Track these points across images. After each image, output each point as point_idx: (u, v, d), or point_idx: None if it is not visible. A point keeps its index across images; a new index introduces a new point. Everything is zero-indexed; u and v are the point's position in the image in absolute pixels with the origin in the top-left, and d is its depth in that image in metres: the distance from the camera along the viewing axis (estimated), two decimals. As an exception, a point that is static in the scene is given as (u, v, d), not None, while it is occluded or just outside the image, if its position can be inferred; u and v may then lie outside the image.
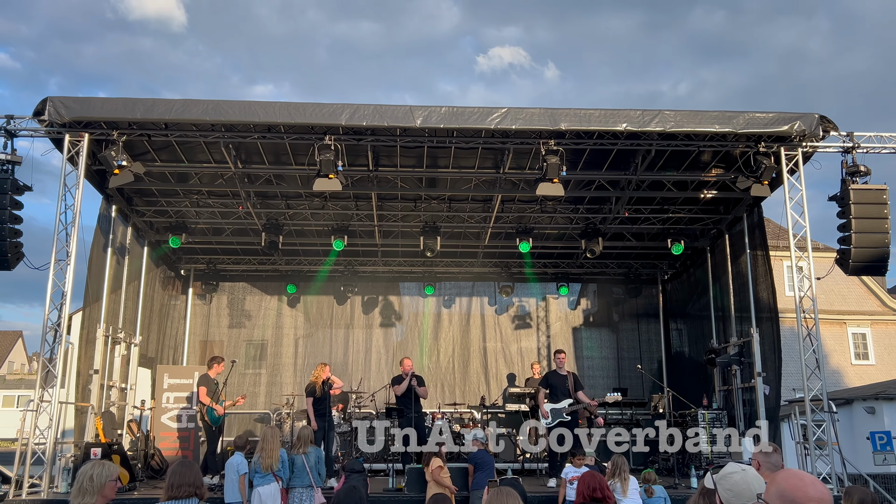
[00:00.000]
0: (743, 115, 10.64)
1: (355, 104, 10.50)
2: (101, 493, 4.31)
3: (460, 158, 12.35)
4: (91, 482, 4.35)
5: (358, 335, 17.29)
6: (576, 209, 14.22)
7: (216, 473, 11.28)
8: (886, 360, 30.09)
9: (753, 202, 12.73)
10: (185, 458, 5.17)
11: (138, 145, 11.66)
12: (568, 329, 17.60)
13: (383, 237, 15.39)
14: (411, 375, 11.91)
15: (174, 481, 4.77)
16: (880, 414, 22.21)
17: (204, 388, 11.63)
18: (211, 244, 15.91)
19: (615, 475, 8.41)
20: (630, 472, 8.57)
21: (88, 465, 4.50)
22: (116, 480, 4.45)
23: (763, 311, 12.69)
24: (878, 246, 10.57)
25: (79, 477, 4.38)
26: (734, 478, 2.83)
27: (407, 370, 12.01)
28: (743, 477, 2.82)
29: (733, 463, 3.02)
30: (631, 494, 8.39)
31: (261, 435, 8.73)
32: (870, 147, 10.98)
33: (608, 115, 10.61)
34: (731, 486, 2.81)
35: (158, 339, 15.53)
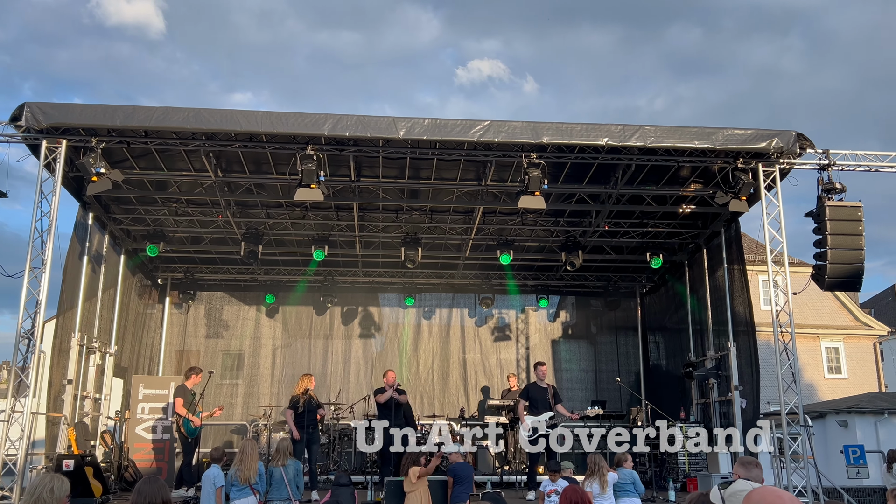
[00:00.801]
0: (722, 131, 10.78)
1: (338, 114, 10.47)
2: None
3: (442, 170, 12.37)
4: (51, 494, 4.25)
5: (337, 346, 17.20)
6: (556, 222, 14.30)
7: (192, 486, 11.14)
8: (858, 374, 30.52)
9: (731, 217, 12.88)
10: (150, 476, 4.99)
11: (117, 152, 11.55)
12: (547, 341, 17.65)
13: (364, 248, 15.36)
14: (394, 387, 11.85)
15: (141, 500, 4.60)
16: (853, 427, 22.49)
17: (180, 398, 11.48)
18: (189, 253, 15.78)
19: (593, 473, 8.41)
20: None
21: (46, 477, 4.38)
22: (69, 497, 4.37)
23: (740, 325, 12.82)
24: (853, 262, 10.73)
25: (35, 489, 4.25)
26: (740, 497, 2.84)
27: (390, 382, 11.96)
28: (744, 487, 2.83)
29: (742, 480, 3.02)
30: (609, 491, 8.40)
31: (239, 447, 8.62)
32: (845, 164, 11.18)
33: (590, 129, 10.69)
34: (730, 494, 2.82)
35: (133, 348, 15.33)
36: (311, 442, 11.44)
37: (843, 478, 13.86)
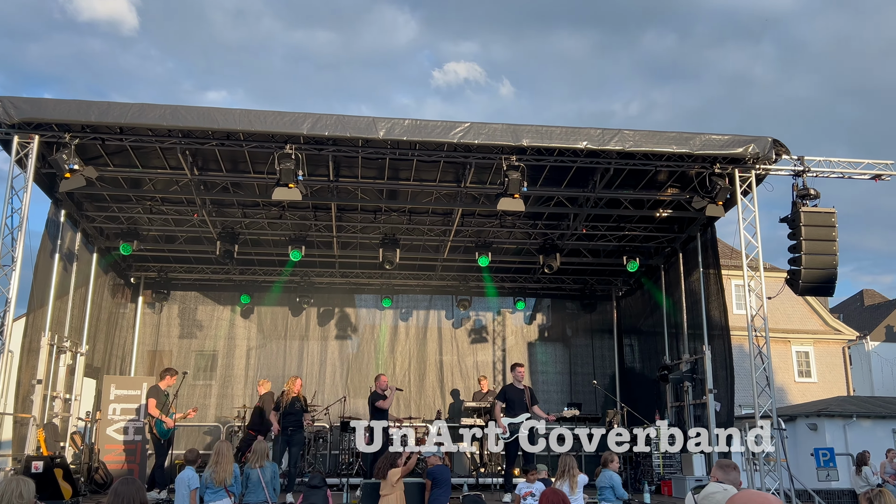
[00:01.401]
0: (699, 136, 10.88)
1: (317, 114, 10.40)
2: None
3: (422, 171, 12.34)
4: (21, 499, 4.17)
5: (313, 347, 17.07)
6: (534, 225, 14.33)
7: (164, 488, 10.98)
8: (828, 378, 30.98)
9: (707, 222, 13.01)
10: (126, 477, 4.81)
11: (91, 149, 11.34)
12: (523, 343, 17.68)
13: (341, 248, 15.26)
14: (394, 389, 12.11)
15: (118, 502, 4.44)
16: (822, 431, 22.81)
17: (153, 399, 11.32)
18: (163, 252, 15.57)
19: (564, 475, 8.41)
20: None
21: (12, 482, 4.29)
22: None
23: (714, 329, 12.94)
24: (827, 267, 10.89)
25: (2, 496, 4.16)
26: (716, 497, 2.84)
27: (383, 386, 12.16)
28: (724, 497, 2.83)
29: (714, 483, 3.02)
30: (579, 492, 8.41)
31: (214, 449, 8.49)
32: (819, 171, 11.33)
33: (569, 132, 10.73)
34: (702, 497, 2.82)
35: (105, 348, 15.08)
36: (290, 444, 11.36)
37: (813, 480, 14.06)
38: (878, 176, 11.29)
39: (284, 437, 11.34)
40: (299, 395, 11.77)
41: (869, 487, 14.93)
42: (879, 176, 11.26)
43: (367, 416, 12.43)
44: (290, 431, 11.37)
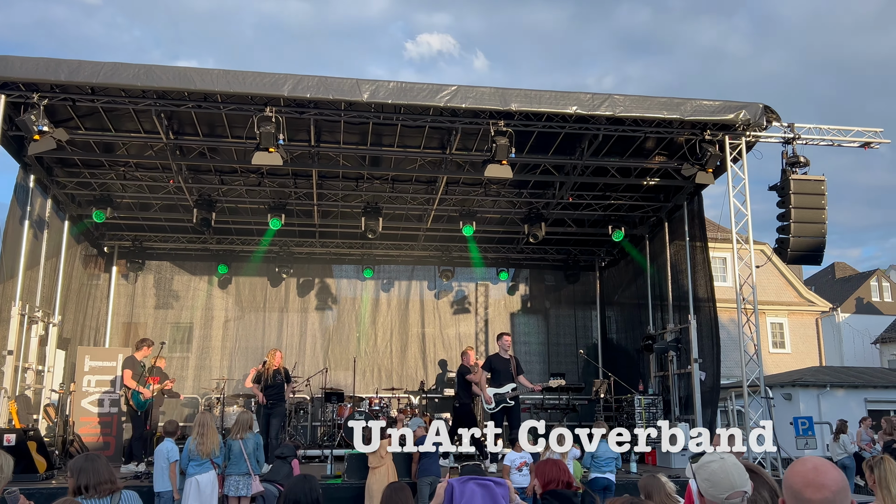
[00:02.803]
0: (690, 102, 10.69)
1: (299, 75, 10.02)
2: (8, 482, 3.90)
3: (406, 137, 12.01)
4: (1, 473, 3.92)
5: (292, 319, 16.77)
6: (519, 193, 14.10)
7: (141, 461, 10.72)
8: (801, 349, 31.41)
9: (694, 190, 12.87)
10: (88, 454, 4.42)
11: (61, 111, 10.86)
12: (506, 314, 17.54)
13: (322, 217, 14.91)
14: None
15: (89, 481, 4.02)
16: (796, 400, 23.17)
17: (129, 370, 11.01)
18: (137, 220, 15.10)
19: None
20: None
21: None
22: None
23: (700, 299, 12.87)
24: (815, 235, 10.82)
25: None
26: (712, 467, 2.66)
27: (471, 360, 11.94)
28: (721, 466, 2.65)
29: (711, 452, 2.85)
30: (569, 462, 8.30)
31: (197, 420, 8.23)
32: (809, 138, 11.22)
33: (559, 97, 10.48)
34: (709, 475, 2.64)
35: (77, 319, 14.65)
36: (272, 416, 11.27)
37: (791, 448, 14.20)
38: (867, 144, 11.20)
39: (266, 410, 11.29)
40: (280, 367, 11.60)
41: (845, 455, 15.16)
42: (869, 144, 11.18)
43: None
44: (270, 404, 11.30)
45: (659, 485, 4.96)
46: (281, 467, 9.06)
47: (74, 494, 4.05)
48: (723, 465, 2.67)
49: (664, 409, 13.20)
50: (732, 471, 2.65)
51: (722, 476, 2.63)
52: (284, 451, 9.41)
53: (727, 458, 2.73)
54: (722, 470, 2.65)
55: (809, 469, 2.20)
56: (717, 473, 2.65)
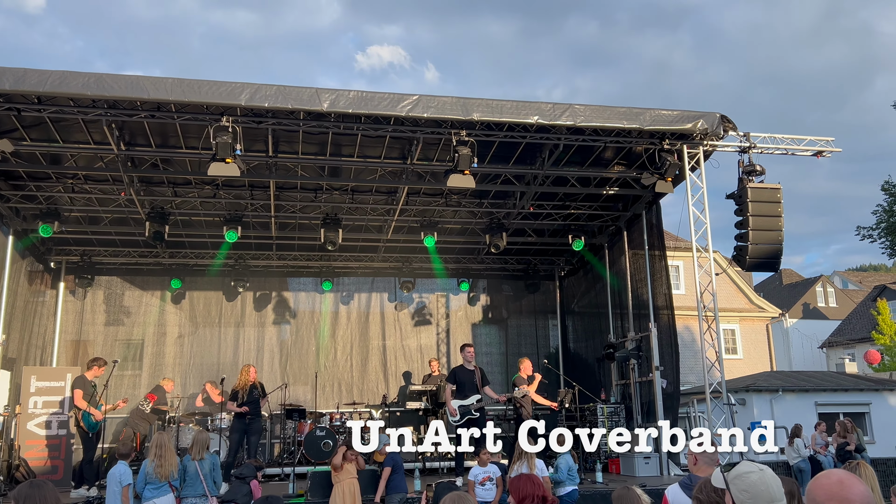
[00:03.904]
0: (649, 111, 10.79)
1: (256, 84, 9.79)
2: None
3: (366, 147, 11.87)
4: None
5: (249, 334, 16.39)
6: (480, 203, 14.06)
7: (92, 484, 10.28)
8: (753, 355, 32.07)
9: (652, 199, 13.00)
10: (33, 480, 4.14)
11: (5, 121, 10.42)
12: (467, 325, 17.46)
13: (279, 229, 14.62)
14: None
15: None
16: (750, 405, 23.56)
17: (80, 390, 10.54)
18: (86, 234, 14.56)
19: (521, 456, 8.19)
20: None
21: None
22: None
23: (659, 307, 12.98)
24: (773, 243, 11.01)
25: None
26: (751, 478, 2.57)
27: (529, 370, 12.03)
28: (761, 478, 2.57)
29: (748, 462, 2.76)
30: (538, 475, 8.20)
31: (154, 441, 7.89)
32: (764, 147, 11.43)
33: (520, 106, 10.46)
34: (748, 486, 2.55)
35: (23, 337, 14.06)
36: (248, 432, 11.13)
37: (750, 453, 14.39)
38: (819, 152, 11.46)
39: (242, 426, 11.08)
40: (255, 382, 11.39)
41: (800, 458, 15.44)
42: (821, 152, 11.44)
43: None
44: (247, 419, 11.11)
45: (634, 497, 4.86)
46: (240, 487, 8.77)
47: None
48: (762, 476, 2.59)
49: (626, 417, 13.25)
50: (772, 483, 2.57)
51: (762, 488, 2.55)
52: (244, 472, 9.12)
53: (766, 469, 2.65)
54: (762, 482, 2.57)
55: (834, 482, 2.11)
56: (756, 485, 2.56)
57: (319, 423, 13.19)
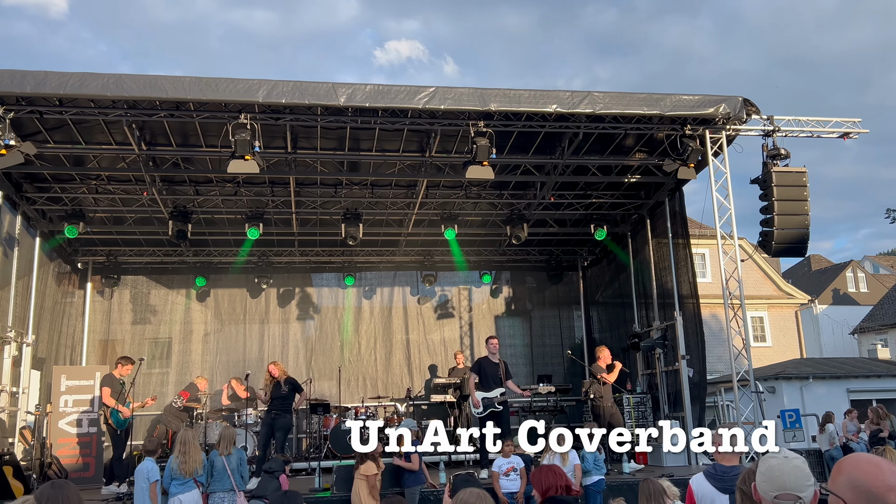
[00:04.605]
0: (670, 97, 10.64)
1: (273, 80, 9.82)
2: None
3: (384, 141, 11.85)
4: None
5: (274, 330, 16.48)
6: (500, 195, 13.98)
7: (123, 481, 10.42)
8: (782, 342, 31.63)
9: (675, 186, 12.83)
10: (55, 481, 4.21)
11: (28, 124, 10.54)
12: (490, 317, 17.40)
13: (301, 225, 14.67)
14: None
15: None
16: (780, 393, 23.26)
17: (108, 388, 10.69)
18: (111, 234, 14.73)
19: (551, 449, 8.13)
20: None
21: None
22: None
23: (684, 295, 12.82)
24: (799, 227, 10.80)
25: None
26: (770, 462, 2.51)
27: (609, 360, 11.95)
28: (779, 464, 2.50)
29: (781, 448, 2.70)
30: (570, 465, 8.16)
31: (179, 438, 7.97)
32: (788, 130, 11.21)
33: (538, 96, 10.37)
34: (765, 470, 2.49)
35: (52, 338, 14.25)
36: (274, 427, 11.14)
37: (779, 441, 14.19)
38: (846, 134, 11.21)
39: (269, 421, 11.15)
40: (280, 377, 11.37)
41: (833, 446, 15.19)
42: (848, 134, 11.19)
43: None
44: (274, 415, 11.13)
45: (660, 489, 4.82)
46: (269, 482, 8.82)
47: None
48: (781, 463, 2.53)
49: (652, 407, 13.12)
50: (789, 472, 2.50)
51: (777, 474, 2.49)
52: (272, 466, 9.17)
53: (791, 458, 2.59)
54: (778, 468, 2.51)
55: (886, 471, 1.98)
56: (772, 470, 2.51)
57: (344, 418, 13.25)
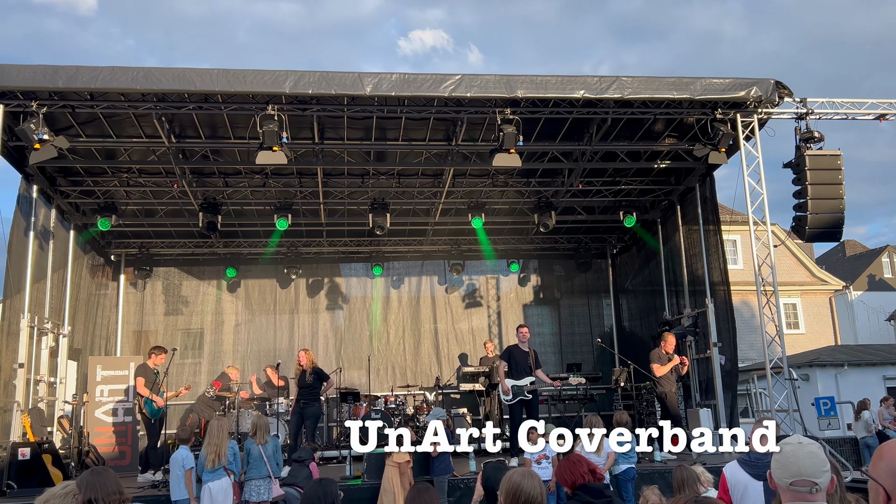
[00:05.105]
0: (699, 81, 10.47)
1: (300, 71, 9.84)
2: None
3: (410, 130, 11.84)
4: None
5: (303, 320, 16.61)
6: (528, 182, 13.90)
7: (158, 469, 10.60)
8: (816, 329, 31.12)
9: (706, 172, 12.64)
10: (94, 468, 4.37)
11: (60, 118, 10.72)
12: (518, 306, 17.34)
13: (329, 216, 14.73)
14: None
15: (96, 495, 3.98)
16: (814, 380, 22.91)
17: (142, 378, 10.86)
18: (143, 227, 14.96)
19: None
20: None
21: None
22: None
23: (714, 283, 12.65)
24: (834, 212, 10.58)
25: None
26: (785, 448, 2.47)
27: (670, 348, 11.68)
28: (793, 450, 2.46)
29: (796, 434, 2.67)
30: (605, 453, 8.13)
31: (209, 428, 8.08)
32: (822, 113, 10.97)
33: (565, 81, 10.27)
34: (780, 457, 2.46)
35: (87, 329, 14.52)
36: (304, 416, 11.32)
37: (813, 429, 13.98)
38: (882, 116, 10.95)
39: (298, 409, 11.34)
40: (308, 366, 11.47)
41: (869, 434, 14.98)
42: (884, 115, 10.93)
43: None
44: (302, 404, 11.32)
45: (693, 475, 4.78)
46: (299, 471, 8.92)
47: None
48: (796, 449, 2.50)
49: (684, 395, 12.99)
50: (803, 457, 2.47)
51: (791, 460, 2.45)
52: (302, 455, 9.27)
53: (806, 444, 2.56)
54: (792, 454, 2.48)
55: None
56: (786, 456, 2.48)
57: (374, 406, 13.32)
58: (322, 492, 4.19)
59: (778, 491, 2.48)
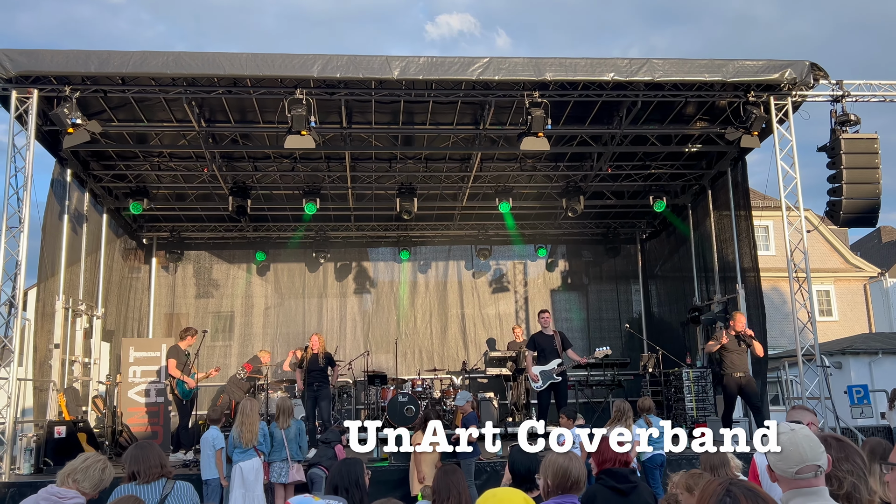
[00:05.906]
0: (732, 63, 10.27)
1: (328, 55, 9.85)
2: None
3: (438, 114, 11.80)
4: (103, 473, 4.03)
5: (332, 303, 16.73)
6: (556, 167, 13.79)
7: (189, 448, 10.79)
8: (849, 316, 30.58)
9: (738, 156, 12.44)
10: (141, 441, 4.62)
11: (93, 103, 10.88)
12: (546, 291, 17.27)
13: (357, 200, 14.79)
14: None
15: (139, 468, 4.23)
16: (847, 369, 22.54)
17: (174, 360, 11.05)
18: (174, 210, 15.15)
19: (620, 420, 8.09)
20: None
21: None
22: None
23: (746, 269, 12.47)
24: (869, 197, 10.35)
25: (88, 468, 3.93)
26: (781, 439, 2.43)
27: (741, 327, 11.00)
28: (791, 437, 2.42)
29: (783, 423, 2.62)
30: None
31: (239, 409, 8.21)
32: (859, 95, 10.71)
33: (595, 64, 10.14)
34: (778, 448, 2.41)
35: (120, 311, 14.80)
36: (317, 399, 11.45)
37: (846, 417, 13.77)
38: (922, 98, 10.65)
39: (311, 393, 11.47)
40: (319, 351, 11.61)
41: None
42: (924, 98, 10.63)
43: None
44: (315, 387, 11.47)
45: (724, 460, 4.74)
46: (325, 451, 9.04)
47: (128, 482, 4.29)
48: (792, 436, 2.46)
49: (712, 382, 12.87)
50: (803, 442, 2.43)
51: (791, 448, 2.41)
52: (328, 437, 9.38)
53: (798, 429, 2.51)
54: (791, 442, 2.43)
55: None
56: (786, 446, 2.43)
57: (402, 389, 13.40)
58: (346, 470, 4.26)
59: (779, 484, 2.44)
